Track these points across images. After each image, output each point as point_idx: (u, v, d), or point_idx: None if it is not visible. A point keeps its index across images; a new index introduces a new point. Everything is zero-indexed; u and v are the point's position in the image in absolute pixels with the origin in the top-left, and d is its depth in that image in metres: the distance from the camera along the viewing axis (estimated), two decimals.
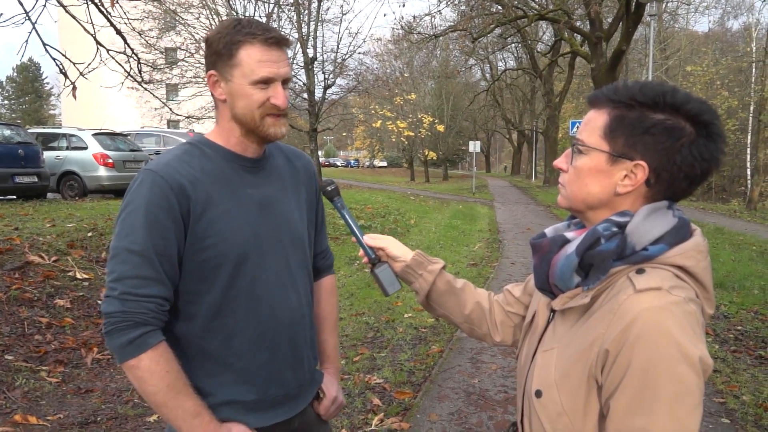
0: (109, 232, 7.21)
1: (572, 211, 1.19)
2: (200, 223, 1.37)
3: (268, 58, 1.38)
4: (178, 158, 1.41)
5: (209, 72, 1.43)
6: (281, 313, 1.49)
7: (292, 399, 1.55)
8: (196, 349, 1.43)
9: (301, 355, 1.56)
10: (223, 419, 1.41)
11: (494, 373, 4.59)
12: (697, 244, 1.07)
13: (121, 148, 13.95)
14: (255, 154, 1.50)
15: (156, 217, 1.32)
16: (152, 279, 1.32)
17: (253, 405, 1.47)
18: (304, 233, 1.61)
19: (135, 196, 1.35)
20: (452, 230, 13.48)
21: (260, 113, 1.41)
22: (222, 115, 1.47)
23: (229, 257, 1.40)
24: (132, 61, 6.68)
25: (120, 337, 1.30)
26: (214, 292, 1.41)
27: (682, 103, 1.04)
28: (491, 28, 23.49)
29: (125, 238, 1.33)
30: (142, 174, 1.37)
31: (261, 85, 1.39)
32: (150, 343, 1.31)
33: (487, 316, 1.47)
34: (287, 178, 1.59)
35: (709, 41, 45.94)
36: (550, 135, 35.03)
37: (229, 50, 1.38)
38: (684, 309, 0.98)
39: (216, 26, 1.45)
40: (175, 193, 1.34)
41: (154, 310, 1.33)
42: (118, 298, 1.31)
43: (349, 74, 25.68)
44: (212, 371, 1.44)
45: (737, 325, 5.81)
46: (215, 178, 1.42)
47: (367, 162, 60.62)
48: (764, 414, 3.84)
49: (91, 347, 4.81)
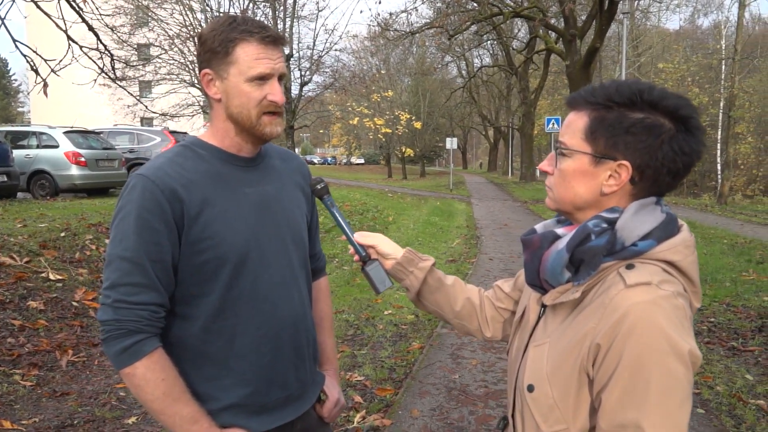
0: (83, 232, 7.09)
1: (560, 213, 1.20)
2: (196, 226, 1.34)
3: (265, 54, 1.37)
4: (170, 161, 1.38)
5: (203, 71, 1.40)
6: (284, 313, 1.47)
7: (294, 401, 1.52)
8: (195, 353, 1.40)
9: (303, 355, 1.54)
10: (224, 424, 1.38)
11: (474, 369, 4.61)
12: (685, 239, 1.08)
13: (93, 146, 13.69)
14: (250, 153, 1.48)
15: (147, 222, 1.30)
16: (145, 286, 1.30)
17: (255, 408, 1.44)
18: (305, 232, 1.60)
19: (126, 202, 1.33)
20: (430, 227, 13.52)
21: (257, 112, 1.39)
22: (216, 115, 1.44)
23: (230, 258, 1.38)
24: (105, 58, 6.57)
25: (115, 346, 1.29)
26: (215, 293, 1.38)
27: (659, 99, 1.05)
28: (467, 25, 23.62)
29: (119, 245, 1.31)
30: (133, 179, 1.34)
31: (257, 82, 1.37)
32: (144, 351, 1.29)
33: (478, 311, 1.48)
34: (285, 176, 1.57)
35: (680, 39, 46.71)
36: (525, 131, 35.34)
37: (225, 48, 1.35)
38: (673, 303, 0.99)
39: (210, 23, 1.42)
40: (167, 197, 1.31)
41: (147, 317, 1.30)
42: (111, 306, 1.29)
43: (325, 71, 25.60)
44: (213, 375, 1.41)
45: (710, 317, 5.91)
46: (210, 178, 1.39)
47: (345, 159, 60.45)
48: (737, 404, 3.91)
49: (66, 349, 4.72)
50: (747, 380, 4.32)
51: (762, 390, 4.14)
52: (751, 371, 4.50)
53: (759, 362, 4.67)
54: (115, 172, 13.84)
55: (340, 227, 1.54)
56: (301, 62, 24.27)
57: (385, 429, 3.58)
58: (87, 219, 7.71)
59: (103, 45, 6.45)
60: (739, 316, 5.93)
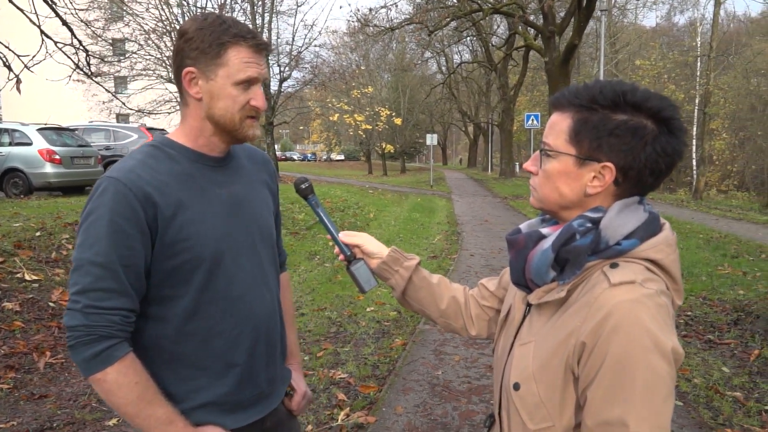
0: (59, 231, 6.97)
1: (545, 212, 1.21)
2: (171, 229, 1.33)
3: (254, 60, 1.38)
4: (141, 162, 1.36)
5: (187, 69, 1.37)
6: (257, 312, 1.48)
7: (266, 397, 1.54)
8: (169, 355, 1.39)
9: (275, 353, 1.56)
10: (198, 422, 1.39)
11: (457, 365, 4.63)
12: (667, 237, 1.10)
13: (68, 143, 13.46)
14: (221, 153, 1.48)
15: (120, 227, 1.28)
16: (116, 291, 1.28)
17: (229, 406, 1.45)
18: (273, 229, 1.61)
19: (97, 205, 1.30)
20: (411, 223, 13.55)
21: (240, 115, 1.39)
22: (192, 114, 1.42)
23: (205, 259, 1.37)
24: (80, 53, 6.47)
25: (84, 352, 1.27)
26: (188, 296, 1.37)
27: (642, 101, 1.06)
28: (447, 21, 23.66)
29: (88, 250, 1.28)
30: (104, 181, 1.31)
31: (243, 86, 1.37)
32: (116, 356, 1.28)
33: (463, 310, 1.49)
34: (253, 175, 1.58)
35: (657, 36, 47.27)
36: (505, 127, 35.51)
37: (217, 49, 1.34)
38: (656, 301, 1.00)
39: (194, 19, 1.39)
40: (140, 201, 1.29)
41: (119, 322, 1.29)
42: (81, 312, 1.26)
43: (305, 67, 25.49)
44: (186, 375, 1.40)
45: (687, 311, 6.01)
46: (183, 180, 1.38)
47: (324, 155, 60.34)
48: (715, 396, 3.98)
49: (43, 351, 4.65)
50: (723, 372, 4.40)
51: (738, 382, 4.22)
52: (727, 364, 4.58)
53: (735, 355, 4.76)
54: (91, 169, 13.64)
55: (325, 227, 1.54)
56: (280, 58, 24.14)
57: (370, 426, 3.59)
58: (63, 218, 7.58)
59: (78, 40, 6.35)
60: (715, 310, 6.04)
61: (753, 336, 5.07)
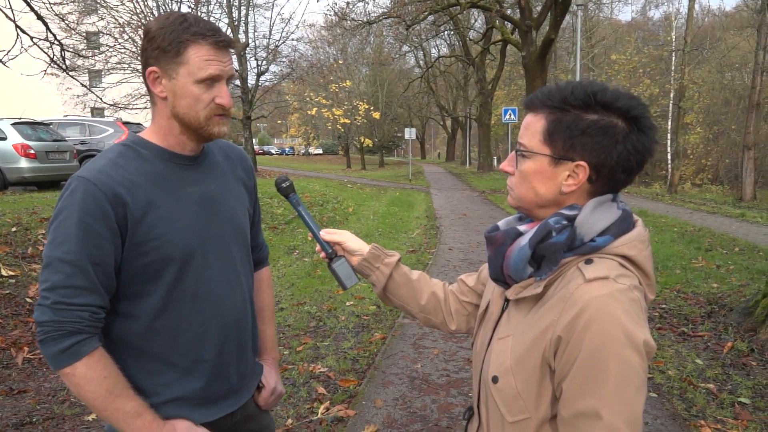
0: (35, 226, 6.88)
1: (521, 211, 1.24)
2: (140, 228, 1.35)
3: (216, 57, 1.38)
4: (112, 162, 1.37)
5: (150, 68, 1.38)
6: (226, 311, 1.50)
7: (235, 392, 1.57)
8: (137, 350, 1.41)
9: (245, 350, 1.58)
10: (168, 416, 1.41)
11: (436, 358, 4.67)
12: (640, 234, 1.13)
13: (43, 138, 13.23)
14: (193, 151, 1.49)
15: (89, 226, 1.29)
16: (85, 288, 1.30)
17: (197, 401, 1.47)
18: (247, 228, 1.63)
19: (67, 204, 1.31)
20: (390, 217, 13.57)
21: (206, 114, 1.40)
22: (160, 113, 1.43)
23: (174, 259, 1.39)
24: (54, 47, 6.36)
25: (53, 346, 1.29)
26: (157, 293, 1.39)
27: (612, 101, 1.10)
28: (424, 15, 23.66)
29: (58, 248, 1.29)
30: (74, 181, 1.33)
31: (206, 84, 1.37)
32: (84, 351, 1.30)
33: (442, 305, 1.51)
34: (227, 172, 1.59)
35: (632, 30, 47.80)
36: (483, 121, 35.69)
37: (177, 48, 1.35)
38: (629, 296, 1.04)
39: (158, 18, 1.40)
40: (110, 201, 1.31)
41: (87, 318, 1.31)
42: (50, 307, 1.29)
43: (282, 61, 25.36)
44: (155, 370, 1.43)
45: (661, 304, 6.11)
46: (153, 179, 1.39)
47: (303, 150, 60.02)
48: (688, 388, 4.07)
49: (21, 347, 4.60)
50: (697, 364, 4.49)
51: (711, 374, 4.31)
52: (701, 356, 4.68)
53: (708, 347, 4.86)
54: (66, 164, 13.42)
55: (306, 224, 1.56)
56: (257, 52, 23.97)
57: (349, 419, 3.61)
58: (39, 213, 7.47)
59: (53, 35, 6.25)
60: (689, 303, 6.15)
61: (726, 328, 5.18)
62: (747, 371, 4.34)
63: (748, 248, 9.19)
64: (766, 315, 4.92)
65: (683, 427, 3.53)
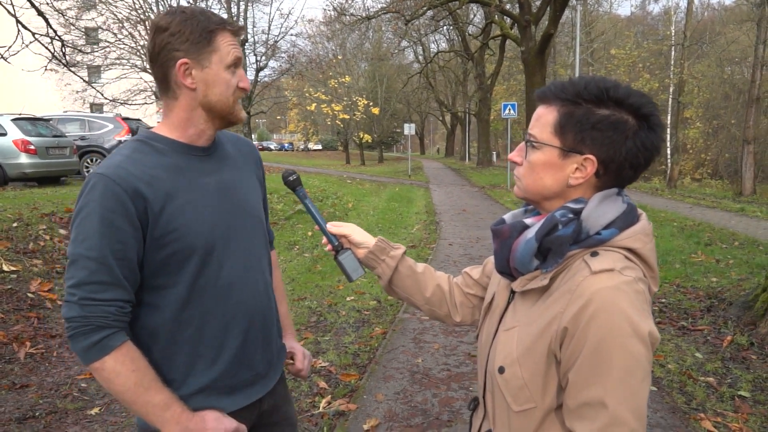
0: (36, 222, 6.89)
1: (528, 201, 1.25)
2: (161, 221, 1.36)
3: (235, 43, 1.45)
4: (129, 157, 1.39)
5: (181, 60, 1.39)
6: (250, 299, 1.51)
7: (262, 379, 1.58)
8: (166, 341, 1.43)
9: (270, 335, 1.60)
10: (197, 408, 1.42)
11: (437, 352, 4.68)
12: (644, 227, 1.15)
13: (43, 133, 13.21)
14: (207, 142, 1.50)
15: (111, 222, 1.31)
16: (111, 284, 1.32)
17: (225, 389, 1.49)
18: (263, 216, 1.65)
19: (87, 201, 1.33)
20: (390, 213, 13.59)
21: (234, 98, 1.45)
22: (181, 105, 1.44)
23: (196, 248, 1.40)
24: (55, 43, 6.36)
25: (82, 341, 1.31)
26: (182, 284, 1.41)
27: (624, 97, 1.11)
28: (423, 10, 23.61)
29: (81, 244, 1.31)
30: (93, 177, 1.34)
31: (232, 69, 1.43)
32: (112, 345, 1.31)
33: (447, 297, 1.53)
34: (239, 162, 1.61)
35: (632, 25, 47.74)
36: (482, 117, 35.68)
37: (208, 37, 1.39)
38: (634, 288, 1.05)
39: (170, 14, 1.40)
40: (130, 196, 1.32)
41: (114, 313, 1.33)
42: (77, 304, 1.31)
43: (281, 56, 25.33)
44: (183, 362, 1.44)
45: (661, 298, 6.13)
46: (170, 172, 1.41)
47: (302, 145, 60.01)
48: (688, 381, 4.08)
49: (23, 341, 4.61)
50: (697, 358, 4.51)
51: (711, 368, 4.33)
52: (700, 350, 4.70)
53: (708, 341, 4.88)
54: (66, 160, 13.42)
55: (313, 217, 1.58)
56: (256, 47, 23.94)
57: (351, 413, 3.62)
58: (39, 209, 7.48)
59: (53, 30, 6.24)
60: (688, 297, 6.17)
61: (726, 322, 5.20)
62: (747, 365, 4.36)
63: (747, 242, 9.22)
64: (766, 309, 4.94)
65: (683, 420, 3.55)
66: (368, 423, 3.48)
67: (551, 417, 1.12)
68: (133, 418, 3.61)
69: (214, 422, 1.41)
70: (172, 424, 1.35)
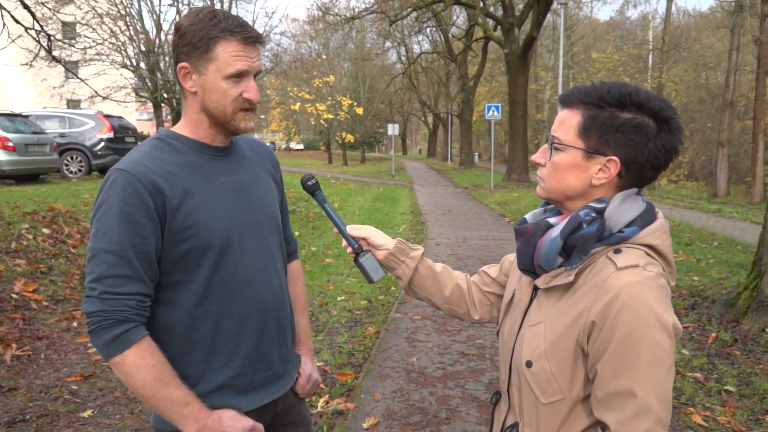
0: (18, 221, 6.79)
1: (551, 201, 1.30)
2: (178, 217, 1.38)
3: (244, 53, 1.41)
4: (148, 155, 1.41)
5: (181, 64, 1.42)
6: (265, 296, 1.53)
7: (278, 379, 1.60)
8: (182, 338, 1.44)
9: (285, 334, 1.62)
10: (214, 406, 1.43)
11: (431, 351, 4.73)
12: (662, 225, 1.21)
13: (21, 130, 12.99)
14: (223, 143, 1.53)
15: (131, 216, 1.33)
16: (130, 277, 1.33)
17: (242, 388, 1.50)
18: (279, 216, 1.66)
19: (107, 196, 1.35)
20: (376, 213, 13.63)
21: (233, 108, 1.43)
22: (190, 107, 1.48)
23: (212, 245, 1.42)
24: (42, 37, 6.30)
25: (103, 336, 1.32)
26: (199, 280, 1.42)
27: (646, 101, 1.17)
28: (408, 12, 23.70)
29: (102, 239, 1.33)
30: (113, 174, 1.36)
31: (234, 79, 1.41)
32: (133, 339, 1.33)
33: (466, 296, 1.57)
34: (256, 164, 1.63)
35: (611, 29, 48.30)
36: (464, 118, 35.88)
37: (206, 44, 1.38)
38: (657, 283, 1.11)
39: (188, 14, 1.43)
40: (149, 191, 1.34)
41: (134, 307, 1.34)
42: (97, 298, 1.32)
43: (265, 55, 25.17)
44: (200, 358, 1.45)
45: None
46: (188, 170, 1.43)
47: (284, 144, 59.73)
48: (676, 377, 4.18)
49: (8, 343, 4.54)
50: (683, 355, 4.62)
51: (698, 363, 4.44)
52: (686, 346, 4.81)
53: (693, 338, 5.00)
54: (46, 157, 13.22)
55: (333, 221, 1.60)
56: None
57: (350, 412, 3.66)
58: (21, 207, 7.36)
59: (40, 25, 6.18)
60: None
61: (710, 320, 5.32)
62: (731, 360, 4.48)
63: (726, 242, 9.42)
64: (748, 306, 5.06)
65: (674, 414, 3.64)
66: (368, 422, 3.52)
67: (578, 408, 1.17)
68: (127, 420, 3.60)
69: (230, 420, 1.43)
70: (190, 420, 1.36)
